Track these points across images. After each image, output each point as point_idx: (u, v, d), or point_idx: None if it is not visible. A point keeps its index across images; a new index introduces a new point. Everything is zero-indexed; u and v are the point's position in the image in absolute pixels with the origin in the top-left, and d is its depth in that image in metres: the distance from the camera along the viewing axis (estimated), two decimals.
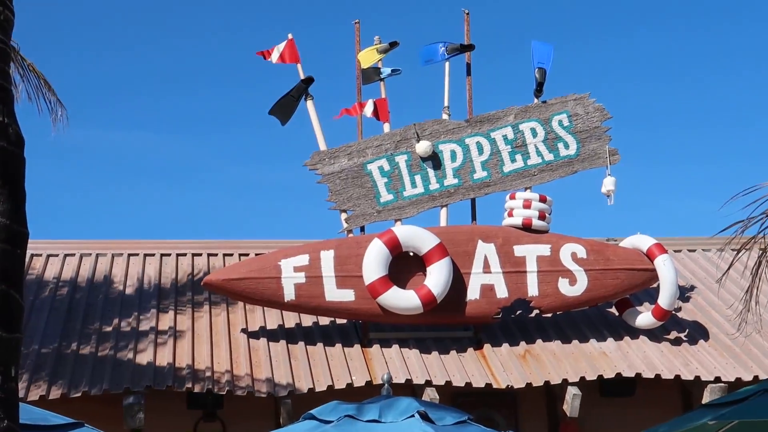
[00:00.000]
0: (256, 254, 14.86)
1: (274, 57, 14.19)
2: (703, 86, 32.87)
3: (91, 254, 15.59)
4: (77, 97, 28.69)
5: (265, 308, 13.93)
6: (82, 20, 30.27)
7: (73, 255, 15.57)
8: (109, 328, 13.58)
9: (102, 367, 12.65)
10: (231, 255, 15.71)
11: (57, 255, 15.53)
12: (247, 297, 13.41)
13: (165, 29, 31.05)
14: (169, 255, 15.64)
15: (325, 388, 12.56)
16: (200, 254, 15.72)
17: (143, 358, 12.84)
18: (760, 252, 8.36)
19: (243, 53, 31.95)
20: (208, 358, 12.95)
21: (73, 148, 29.90)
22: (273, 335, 13.65)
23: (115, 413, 12.10)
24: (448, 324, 13.82)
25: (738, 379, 13.03)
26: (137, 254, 15.63)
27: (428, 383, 12.73)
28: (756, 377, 12.95)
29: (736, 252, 8.38)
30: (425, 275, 13.37)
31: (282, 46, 14.17)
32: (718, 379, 13.11)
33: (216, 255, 15.72)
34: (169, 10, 30.78)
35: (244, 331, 13.71)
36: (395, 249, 13.31)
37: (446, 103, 14.24)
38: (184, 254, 15.69)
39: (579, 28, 32.51)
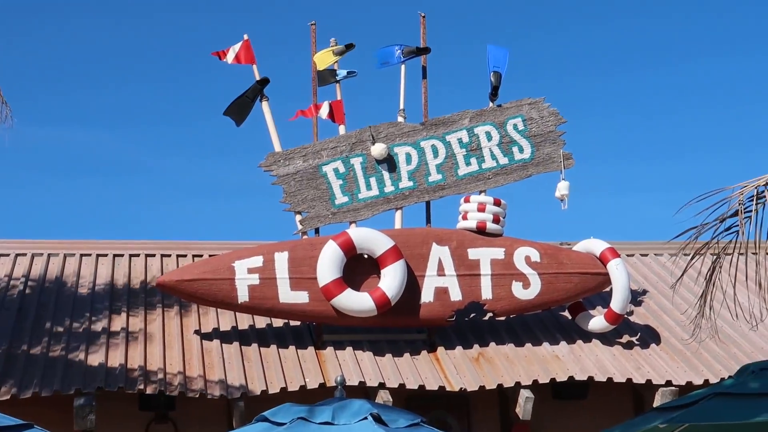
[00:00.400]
0: (210, 255, 14.80)
1: (230, 57, 14.14)
2: (659, 90, 33.12)
3: (42, 254, 15.45)
4: (26, 94, 28.45)
5: (218, 310, 13.87)
6: (25, 13, 30.03)
7: (24, 255, 15.43)
8: (61, 329, 13.47)
9: (53, 368, 12.54)
10: (184, 256, 15.64)
11: (8, 255, 15.39)
12: (200, 298, 13.35)
13: (119, 27, 30.86)
14: (122, 255, 15.55)
15: (278, 390, 12.52)
16: (153, 255, 15.63)
17: (95, 359, 12.75)
18: (714, 258, 8.42)
19: (199, 53, 31.80)
20: (161, 360, 12.87)
21: (22, 146, 29.64)
22: (226, 337, 13.60)
23: (66, 415, 12.00)
24: (401, 326, 13.83)
25: (689, 383, 13.13)
26: (90, 254, 15.52)
27: (381, 385, 12.73)
28: (706, 381, 13.06)
29: (689, 258, 8.43)
30: (379, 277, 13.37)
31: (237, 46, 14.12)
32: (669, 383, 13.21)
33: (169, 256, 15.64)
34: (126, 8, 30.61)
35: (197, 332, 13.64)
36: (350, 251, 13.30)
37: (402, 106, 14.25)
38: (137, 255, 15.59)
39: (534, 31, 32.66)
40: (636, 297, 15.20)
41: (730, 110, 32.81)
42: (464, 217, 13.93)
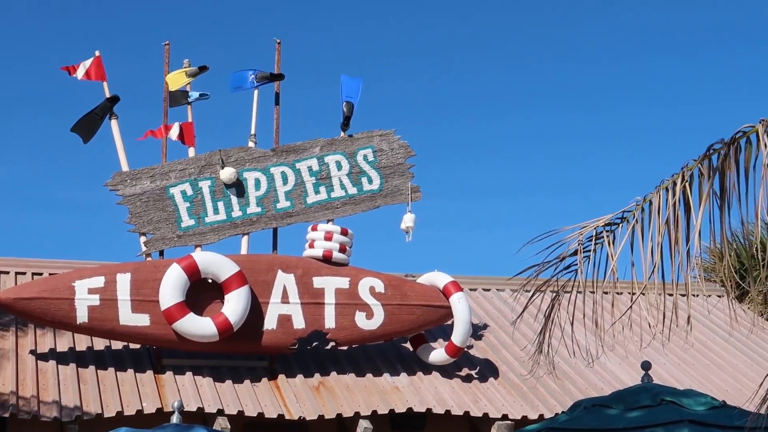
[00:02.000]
0: (50, 274, 14.48)
1: (80, 73, 13.92)
2: (506, 134, 33.79)
3: None
4: None
5: (56, 330, 13.57)
6: None
7: None
8: None
9: None
10: (24, 274, 15.26)
11: None
12: (37, 317, 13.04)
13: None
14: None
15: (114, 414, 12.30)
16: None
17: None
18: (553, 295, 8.58)
19: (47, 69, 31.21)
20: None
21: None
22: (63, 358, 13.31)
23: None
24: (243, 353, 13.75)
25: (524, 417, 13.35)
26: None
27: (220, 412, 12.62)
28: (541, 416, 13.30)
29: (530, 294, 8.58)
30: (223, 303, 13.27)
31: (89, 62, 13.92)
32: (505, 417, 13.40)
33: (8, 273, 15.25)
34: None
35: (32, 352, 13.31)
36: (194, 275, 13.18)
37: (253, 131, 14.23)
38: None
39: (388, 64, 32.98)
40: (477, 331, 15.41)
41: (573, 156, 33.86)
42: (311, 245, 13.95)
